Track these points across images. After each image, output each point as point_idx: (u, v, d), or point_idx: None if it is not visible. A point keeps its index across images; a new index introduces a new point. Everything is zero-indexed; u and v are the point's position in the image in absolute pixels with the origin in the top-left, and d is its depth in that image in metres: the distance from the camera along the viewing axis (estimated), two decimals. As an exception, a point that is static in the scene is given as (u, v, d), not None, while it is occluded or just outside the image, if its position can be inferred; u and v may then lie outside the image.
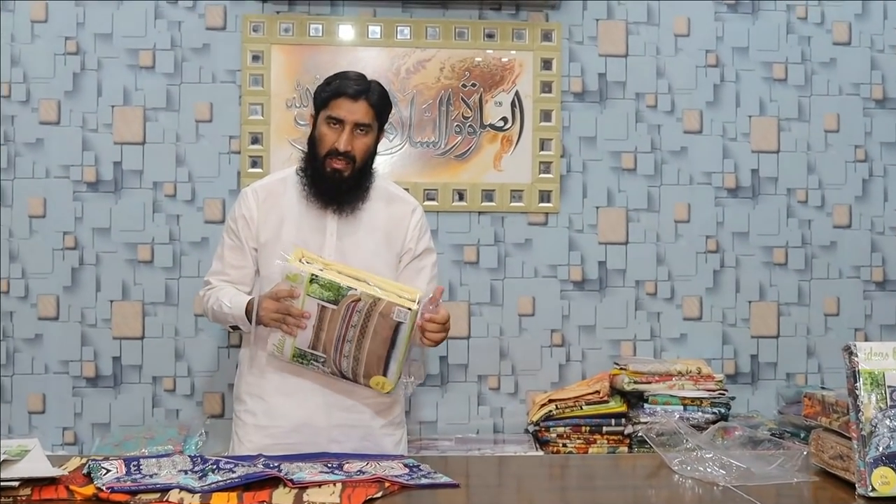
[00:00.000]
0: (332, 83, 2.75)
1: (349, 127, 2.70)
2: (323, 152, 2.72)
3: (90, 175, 3.70)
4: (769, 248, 3.90)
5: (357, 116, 2.70)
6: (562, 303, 3.83)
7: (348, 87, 2.71)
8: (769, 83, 3.90)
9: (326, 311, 2.54)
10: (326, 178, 2.72)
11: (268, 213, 2.79)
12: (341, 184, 2.72)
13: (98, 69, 3.71)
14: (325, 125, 2.73)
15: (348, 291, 2.52)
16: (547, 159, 3.81)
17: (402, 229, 2.84)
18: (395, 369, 2.59)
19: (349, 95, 2.70)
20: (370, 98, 2.72)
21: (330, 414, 2.74)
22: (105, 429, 3.68)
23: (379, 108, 2.75)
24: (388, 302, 2.52)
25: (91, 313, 3.70)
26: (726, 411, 3.46)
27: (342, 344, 2.56)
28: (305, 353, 2.60)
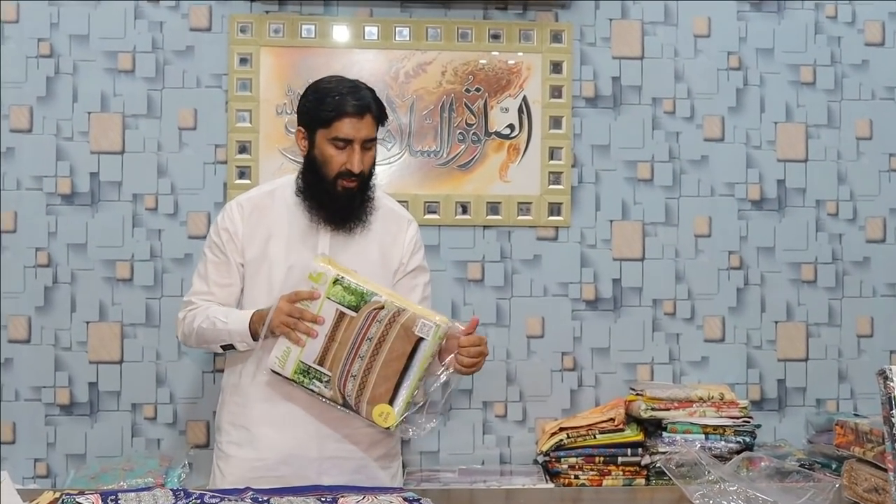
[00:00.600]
0: (325, 101, 2.68)
1: (358, 145, 2.66)
2: (332, 174, 2.68)
3: (65, 187, 3.69)
4: (797, 265, 3.88)
5: (364, 133, 2.67)
6: (573, 323, 3.82)
7: (348, 105, 2.65)
8: (796, 87, 3.90)
9: (343, 320, 2.51)
10: (338, 197, 2.70)
11: (254, 229, 2.76)
12: (352, 200, 2.71)
13: (73, 73, 3.71)
14: (330, 146, 2.68)
15: (372, 297, 2.50)
16: (557, 169, 3.80)
17: (398, 244, 2.83)
18: (404, 398, 2.52)
19: (353, 114, 2.66)
20: (373, 111, 2.69)
21: (321, 445, 2.70)
22: (80, 460, 3.67)
23: (381, 120, 2.74)
24: (413, 313, 2.50)
25: (65, 335, 3.69)
26: (751, 440, 3.44)
27: (352, 360, 2.52)
28: (309, 369, 2.55)
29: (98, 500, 2.21)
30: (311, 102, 2.72)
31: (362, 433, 2.73)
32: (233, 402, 2.79)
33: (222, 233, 2.78)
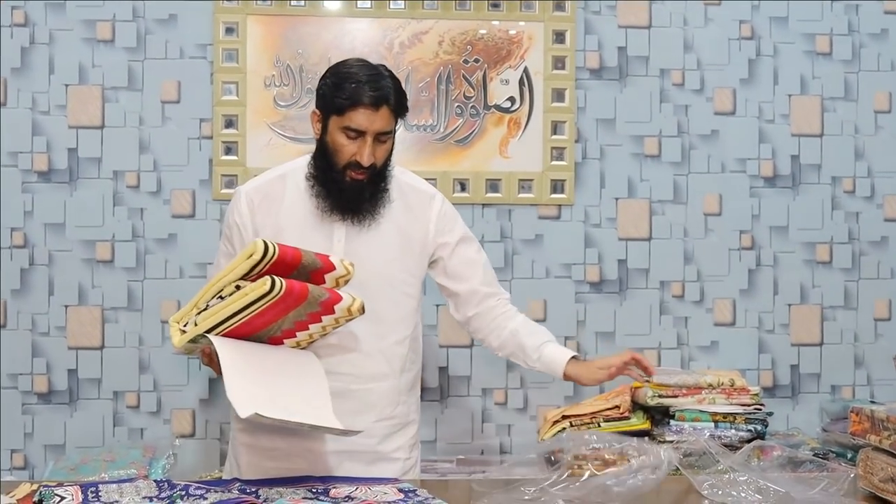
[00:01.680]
0: (342, 87, 2.65)
1: (371, 137, 2.63)
2: (341, 164, 2.66)
3: (41, 163, 3.70)
4: (811, 245, 3.90)
5: (378, 126, 2.63)
6: (577, 306, 3.84)
7: (364, 95, 2.62)
8: (811, 58, 3.91)
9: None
10: (345, 189, 2.68)
11: (264, 220, 2.73)
12: (362, 192, 2.68)
13: (49, 43, 3.71)
14: (342, 135, 2.65)
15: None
16: (560, 145, 3.81)
17: (420, 223, 2.80)
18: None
19: (368, 105, 2.62)
20: (391, 103, 2.65)
21: (334, 438, 2.70)
22: (59, 451, 3.68)
23: (398, 112, 2.70)
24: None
25: (43, 320, 3.70)
26: (763, 429, 3.46)
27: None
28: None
29: (78, 492, 2.22)
30: (328, 87, 2.68)
31: (377, 426, 2.74)
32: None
33: (232, 225, 2.77)
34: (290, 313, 2.43)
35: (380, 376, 2.75)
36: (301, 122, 3.71)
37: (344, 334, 2.69)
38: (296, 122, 3.72)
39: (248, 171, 3.68)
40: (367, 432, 2.70)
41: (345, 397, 2.68)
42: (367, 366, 2.73)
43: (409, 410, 2.84)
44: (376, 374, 2.75)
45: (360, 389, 2.73)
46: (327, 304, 2.45)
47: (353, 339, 2.72)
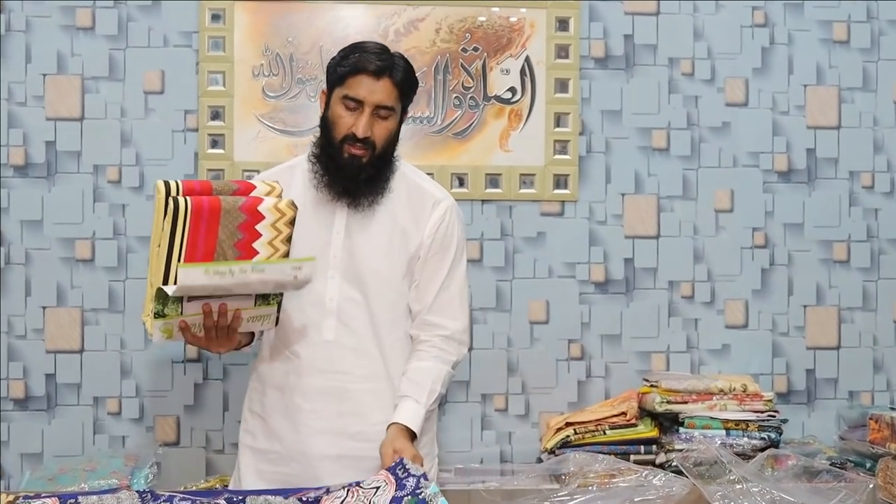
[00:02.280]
0: (348, 57, 2.73)
1: (368, 109, 2.69)
2: (339, 137, 2.72)
3: (17, 157, 3.68)
4: (828, 243, 3.89)
5: (378, 97, 2.69)
6: (581, 308, 3.83)
7: (369, 62, 2.69)
8: (828, 46, 3.89)
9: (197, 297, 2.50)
10: (343, 165, 2.73)
11: None
12: (359, 172, 2.72)
13: (26, 30, 3.69)
14: (341, 105, 2.72)
15: (170, 290, 2.46)
16: (563, 138, 3.80)
17: (419, 228, 2.83)
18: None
19: (370, 72, 2.68)
20: (394, 76, 2.71)
21: (331, 442, 2.76)
22: (37, 459, 3.67)
23: (403, 88, 2.75)
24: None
25: (19, 322, 3.69)
26: (777, 436, 3.45)
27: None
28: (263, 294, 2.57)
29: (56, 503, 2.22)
30: (335, 60, 2.79)
31: (377, 429, 2.74)
32: (252, 389, 2.91)
33: None
34: (220, 233, 2.48)
35: (378, 376, 2.79)
36: (291, 114, 3.70)
37: (340, 332, 2.75)
38: (285, 113, 3.71)
39: (236, 165, 3.67)
40: (368, 435, 2.74)
41: (342, 398, 2.75)
42: (364, 365, 2.78)
43: None
44: (374, 373, 2.79)
45: (358, 389, 2.77)
46: (249, 207, 2.51)
47: (349, 337, 2.77)
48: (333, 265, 2.77)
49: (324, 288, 2.76)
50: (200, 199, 2.47)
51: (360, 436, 2.76)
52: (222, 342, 2.59)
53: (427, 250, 2.83)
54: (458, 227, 2.89)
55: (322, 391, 2.76)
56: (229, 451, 3.69)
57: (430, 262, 2.84)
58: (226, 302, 2.50)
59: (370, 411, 2.76)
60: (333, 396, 2.75)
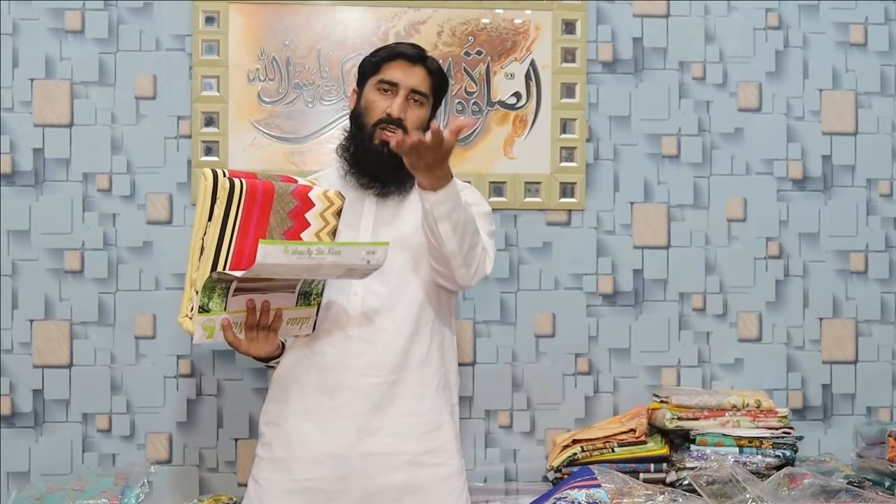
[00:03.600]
0: (381, 49, 2.95)
1: (404, 92, 2.86)
2: (372, 121, 2.85)
3: (5, 165, 3.68)
4: (845, 253, 3.89)
5: (413, 81, 2.87)
6: (588, 321, 3.82)
7: (405, 48, 2.91)
8: (844, 49, 3.90)
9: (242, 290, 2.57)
10: (373, 151, 2.84)
11: None
12: (389, 159, 2.78)
13: (13, 34, 3.69)
14: (376, 91, 2.88)
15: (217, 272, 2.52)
16: (569, 144, 3.80)
17: None
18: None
19: (407, 57, 2.88)
20: (429, 65, 2.91)
21: (361, 441, 2.80)
22: (24, 478, 3.66)
23: (437, 79, 2.94)
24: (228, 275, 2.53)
25: (6, 336, 3.68)
26: (792, 454, 3.44)
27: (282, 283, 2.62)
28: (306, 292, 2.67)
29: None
30: (368, 56, 2.97)
31: (399, 423, 2.82)
32: (269, 401, 2.95)
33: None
34: (272, 219, 2.55)
35: (403, 370, 2.84)
36: (288, 120, 3.70)
37: (362, 324, 2.82)
38: (282, 119, 3.71)
39: (230, 172, 3.67)
40: (393, 429, 2.81)
41: (363, 392, 2.80)
42: (389, 359, 2.83)
43: (441, 411, 2.89)
44: (399, 368, 2.84)
45: (380, 383, 2.82)
46: (301, 193, 2.62)
47: (374, 332, 2.83)
48: None
49: (348, 283, 2.82)
50: (255, 181, 2.55)
51: (382, 430, 2.80)
52: (262, 344, 2.68)
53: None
54: (483, 202, 3.04)
55: (347, 387, 2.80)
56: (223, 470, 3.69)
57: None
58: (268, 300, 2.61)
59: (392, 403, 2.81)
60: (358, 392, 2.79)
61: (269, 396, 2.95)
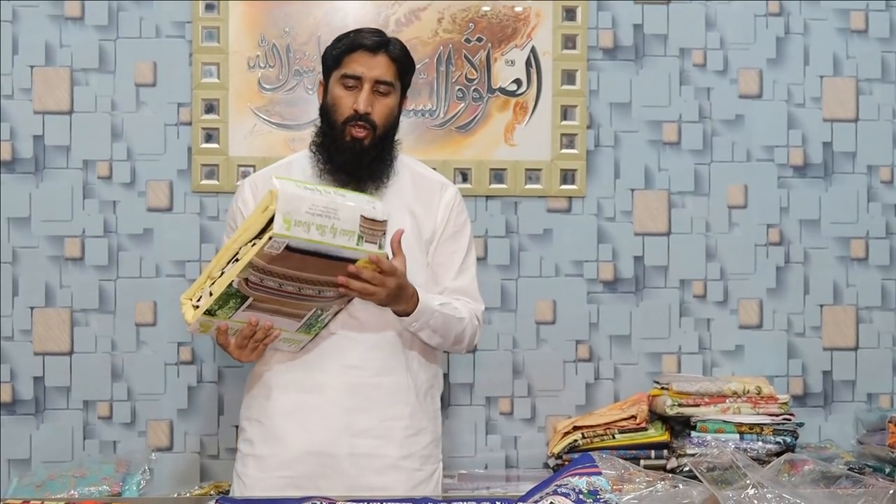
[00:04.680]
0: (343, 39, 2.86)
1: (368, 85, 2.80)
2: (340, 119, 2.82)
3: (5, 152, 3.68)
4: (846, 240, 3.89)
5: (377, 72, 2.81)
6: (589, 307, 3.83)
7: (364, 38, 2.82)
8: (845, 35, 3.89)
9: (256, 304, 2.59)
10: (346, 148, 2.81)
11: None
12: (362, 155, 2.80)
13: (13, 21, 3.69)
14: (340, 87, 2.83)
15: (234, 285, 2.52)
16: (570, 131, 3.80)
17: (431, 214, 2.92)
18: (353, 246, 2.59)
19: (366, 48, 2.81)
20: (391, 52, 2.84)
21: (342, 440, 2.79)
22: (25, 465, 3.67)
23: (401, 65, 2.87)
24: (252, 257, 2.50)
25: (6, 323, 3.69)
26: (793, 441, 3.45)
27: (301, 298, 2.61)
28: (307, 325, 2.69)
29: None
30: (329, 46, 2.90)
31: (383, 426, 2.81)
32: (251, 396, 2.93)
33: (236, 216, 2.92)
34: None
35: (389, 370, 2.83)
36: (288, 107, 3.70)
37: (349, 324, 2.79)
38: (282, 106, 3.71)
39: (231, 160, 3.67)
40: (378, 431, 2.81)
41: (352, 393, 2.79)
42: (374, 358, 2.82)
43: (423, 416, 2.89)
44: (385, 367, 2.83)
45: (365, 384, 2.81)
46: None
47: (359, 330, 2.81)
48: None
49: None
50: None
51: (369, 432, 2.80)
52: (248, 353, 2.69)
53: (441, 234, 2.91)
54: (466, 210, 3.02)
55: (331, 386, 2.79)
56: (224, 457, 3.69)
57: (446, 245, 2.93)
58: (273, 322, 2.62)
59: (381, 406, 2.80)
60: (342, 392, 2.78)
61: (251, 391, 2.92)
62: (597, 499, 2.16)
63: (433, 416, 2.94)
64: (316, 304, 2.64)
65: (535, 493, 2.25)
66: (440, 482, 2.97)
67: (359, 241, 2.53)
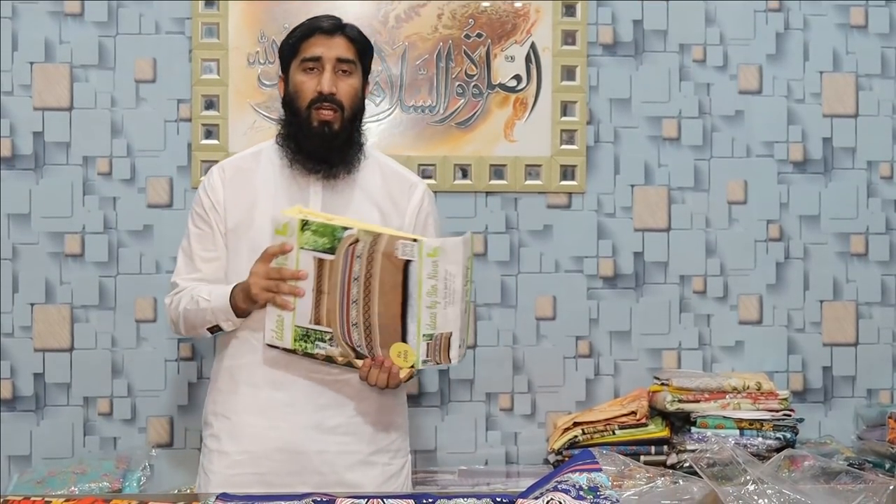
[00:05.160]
0: (296, 28, 2.85)
1: (330, 65, 2.77)
2: (305, 103, 2.79)
3: (5, 149, 3.68)
4: (845, 235, 3.89)
5: (337, 51, 2.78)
6: (589, 303, 3.83)
7: (321, 22, 2.80)
8: (845, 31, 3.89)
9: (325, 267, 2.56)
10: (314, 134, 2.78)
11: (237, 194, 2.85)
12: (332, 139, 2.77)
13: (13, 17, 3.69)
14: (301, 72, 2.80)
15: (344, 232, 2.53)
16: (570, 127, 3.80)
17: (399, 211, 2.89)
18: (415, 331, 2.55)
19: (323, 31, 2.79)
20: (348, 33, 2.81)
21: (311, 437, 2.77)
22: (25, 462, 3.67)
23: (360, 45, 2.83)
24: (390, 236, 2.52)
25: (7, 319, 3.69)
26: (793, 436, 3.45)
27: (347, 308, 2.56)
28: (308, 333, 2.61)
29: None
30: (284, 39, 2.89)
31: (358, 422, 2.80)
32: (216, 390, 2.88)
33: (204, 201, 2.88)
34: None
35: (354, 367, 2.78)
36: (288, 103, 3.69)
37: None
38: (282, 102, 3.70)
39: (231, 156, 3.66)
40: (347, 428, 2.79)
41: (319, 390, 2.77)
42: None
43: (391, 410, 2.88)
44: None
45: (337, 381, 2.78)
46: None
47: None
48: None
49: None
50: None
51: (338, 429, 2.78)
52: (262, 292, 2.61)
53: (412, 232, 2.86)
54: (435, 211, 2.99)
55: (299, 383, 2.76)
56: (225, 453, 3.69)
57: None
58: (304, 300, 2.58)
59: (350, 403, 2.78)
60: (311, 389, 2.76)
61: (217, 386, 2.88)
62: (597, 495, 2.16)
63: (401, 410, 2.93)
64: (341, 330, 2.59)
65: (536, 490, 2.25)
66: (409, 475, 2.96)
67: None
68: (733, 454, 2.43)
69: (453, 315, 2.54)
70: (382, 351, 2.57)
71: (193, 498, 3.02)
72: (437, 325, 2.53)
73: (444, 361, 2.56)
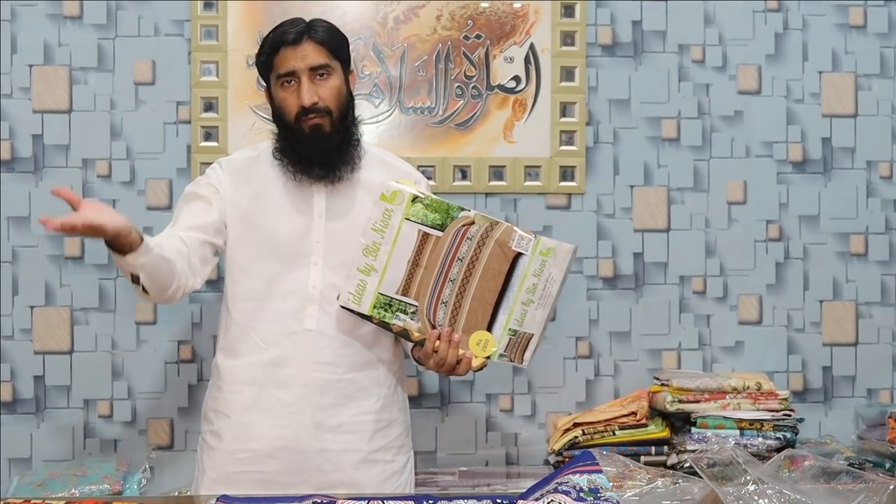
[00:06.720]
0: (265, 43, 2.84)
1: (305, 76, 2.76)
2: (292, 117, 2.78)
3: (4, 151, 3.68)
4: (845, 235, 3.89)
5: (308, 61, 2.76)
6: (589, 304, 3.83)
7: (285, 34, 2.78)
8: (844, 31, 3.89)
9: (428, 241, 2.60)
10: (308, 139, 2.78)
11: (238, 190, 2.86)
12: (327, 140, 2.78)
13: (12, 20, 3.69)
14: (280, 89, 2.80)
15: (459, 213, 2.58)
16: (569, 128, 3.80)
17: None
18: (503, 324, 2.61)
19: (288, 43, 2.77)
20: (315, 36, 2.78)
21: (316, 437, 2.78)
22: (25, 465, 3.68)
23: (330, 44, 2.81)
24: (508, 226, 2.57)
25: (7, 322, 3.69)
26: (793, 436, 3.46)
27: (442, 285, 2.61)
28: (391, 302, 2.65)
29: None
30: (257, 53, 2.89)
31: (357, 420, 2.80)
32: (216, 387, 2.89)
33: (205, 186, 2.88)
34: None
35: (358, 366, 2.82)
36: (287, 105, 3.70)
37: (322, 320, 2.78)
38: (281, 104, 3.70)
39: (230, 158, 3.67)
40: (350, 427, 2.79)
41: (324, 389, 2.77)
42: (346, 354, 2.80)
43: (393, 407, 2.89)
44: (356, 363, 2.82)
45: (339, 380, 2.79)
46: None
47: (331, 326, 2.78)
48: (316, 251, 2.80)
49: (306, 275, 2.78)
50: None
51: (341, 428, 2.79)
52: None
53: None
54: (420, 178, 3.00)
55: (302, 383, 2.77)
56: (225, 455, 3.69)
57: None
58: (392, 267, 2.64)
59: (352, 400, 2.79)
60: (314, 388, 2.76)
61: (218, 383, 2.88)
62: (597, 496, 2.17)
63: (402, 406, 2.94)
64: (428, 305, 2.62)
65: (536, 491, 2.25)
66: (412, 472, 2.98)
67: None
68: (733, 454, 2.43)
69: (540, 318, 2.64)
70: (462, 336, 2.63)
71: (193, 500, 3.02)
72: (524, 323, 2.63)
73: (518, 361, 2.67)
